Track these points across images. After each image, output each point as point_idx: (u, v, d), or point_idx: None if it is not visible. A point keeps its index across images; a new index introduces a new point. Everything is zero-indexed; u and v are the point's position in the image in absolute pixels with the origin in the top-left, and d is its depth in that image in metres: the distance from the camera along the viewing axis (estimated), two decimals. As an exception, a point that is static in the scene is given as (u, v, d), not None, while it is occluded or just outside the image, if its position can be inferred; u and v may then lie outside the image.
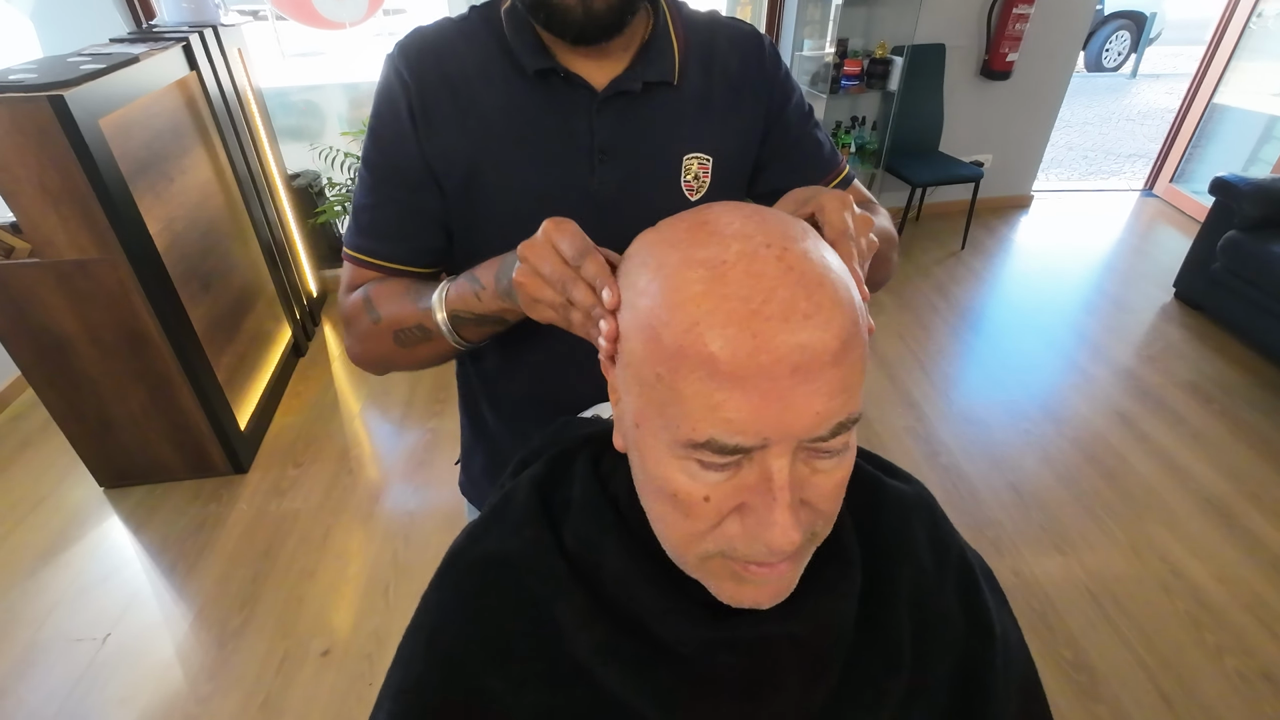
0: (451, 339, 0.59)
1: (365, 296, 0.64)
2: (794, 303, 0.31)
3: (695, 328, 0.32)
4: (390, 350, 0.63)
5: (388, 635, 1.59)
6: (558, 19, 0.56)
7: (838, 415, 0.32)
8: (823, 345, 0.31)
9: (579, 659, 0.41)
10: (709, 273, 0.32)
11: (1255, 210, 2.47)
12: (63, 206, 1.54)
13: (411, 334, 0.61)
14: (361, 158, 0.66)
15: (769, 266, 0.32)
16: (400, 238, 0.65)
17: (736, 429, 0.32)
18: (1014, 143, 3.68)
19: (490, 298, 0.54)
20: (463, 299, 0.56)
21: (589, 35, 0.57)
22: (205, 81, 2.07)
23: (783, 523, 0.33)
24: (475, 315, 0.56)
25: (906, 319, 2.85)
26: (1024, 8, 3.11)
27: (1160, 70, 7.18)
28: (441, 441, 2.18)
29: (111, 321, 1.71)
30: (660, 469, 0.35)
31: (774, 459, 0.33)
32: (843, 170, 0.75)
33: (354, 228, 0.67)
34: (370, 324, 0.63)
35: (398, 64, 0.62)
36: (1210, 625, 1.59)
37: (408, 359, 0.64)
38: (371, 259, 0.66)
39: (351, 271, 0.67)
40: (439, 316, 0.58)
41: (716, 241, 0.34)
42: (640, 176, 0.65)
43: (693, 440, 0.33)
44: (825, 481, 0.35)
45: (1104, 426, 2.23)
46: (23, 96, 1.41)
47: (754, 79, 0.68)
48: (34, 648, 1.57)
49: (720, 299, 0.31)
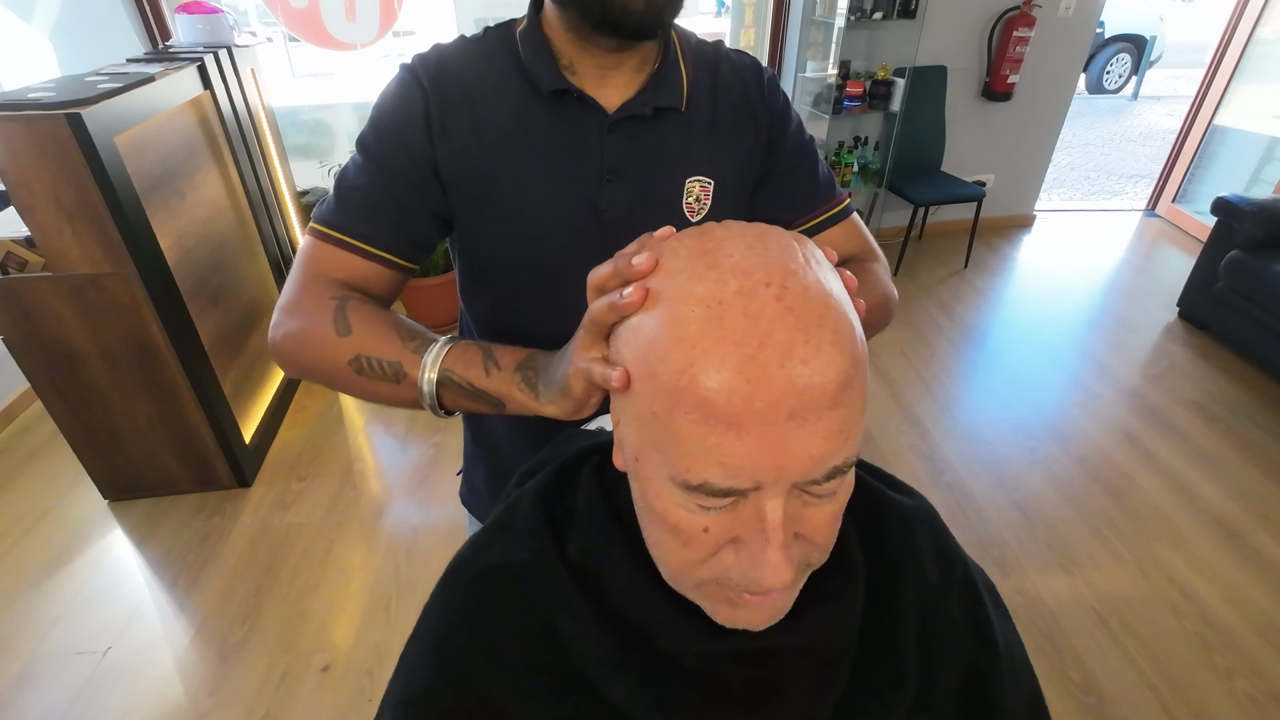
0: (427, 396, 0.55)
1: (340, 305, 0.58)
2: (791, 347, 0.30)
3: (690, 369, 0.31)
4: (336, 369, 0.57)
5: (389, 651, 1.58)
6: (616, 11, 0.55)
7: (833, 459, 0.32)
8: (820, 389, 0.30)
9: (584, 670, 0.41)
10: (705, 312, 0.32)
11: (1257, 230, 2.48)
12: (77, 221, 1.57)
13: (378, 368, 0.56)
14: (359, 143, 0.64)
15: (766, 307, 0.31)
16: (388, 225, 0.63)
17: (731, 473, 0.32)
18: (1016, 163, 3.71)
19: (501, 382, 0.53)
20: (466, 366, 0.54)
21: (647, 28, 0.56)
22: (219, 100, 2.11)
23: (774, 563, 0.33)
24: (473, 388, 0.54)
25: (909, 336, 2.85)
26: (1024, 30, 3.15)
27: (1161, 92, 7.23)
28: (445, 457, 2.19)
29: (121, 335, 1.73)
30: (660, 502, 0.36)
31: (768, 500, 0.33)
32: (841, 202, 0.74)
33: (336, 206, 0.62)
34: (331, 334, 0.57)
35: (417, 71, 0.63)
36: (1220, 647, 1.57)
37: (349, 385, 0.58)
38: (355, 240, 0.62)
39: (318, 251, 0.62)
40: (427, 370, 0.54)
41: (715, 277, 0.33)
42: (645, 197, 0.66)
43: (687, 481, 0.33)
44: (818, 515, 0.35)
45: (1109, 445, 2.22)
46: (41, 114, 1.44)
47: (755, 107, 0.70)
48: (36, 660, 1.57)
49: (716, 341, 0.31)
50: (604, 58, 0.62)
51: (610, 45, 0.60)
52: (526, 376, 0.52)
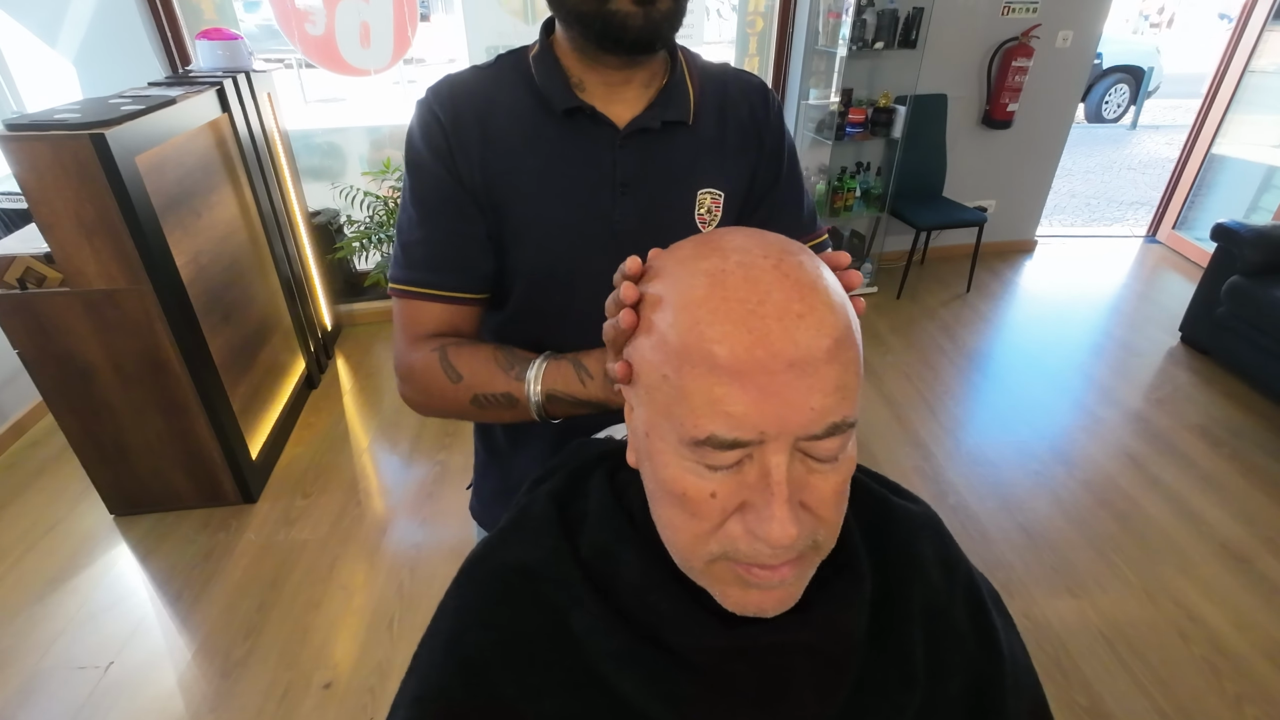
0: (537, 413, 0.62)
1: (443, 356, 0.64)
2: (788, 304, 0.34)
3: (697, 326, 0.34)
4: (463, 409, 0.65)
5: (391, 669, 1.57)
6: (616, 26, 0.58)
7: (832, 415, 0.34)
8: (816, 343, 0.33)
9: (596, 666, 0.42)
10: (710, 279, 0.35)
11: (1257, 256, 2.50)
12: (96, 238, 1.60)
13: (495, 400, 0.63)
14: (406, 196, 0.68)
15: (765, 273, 0.35)
16: (454, 268, 0.67)
17: (735, 423, 0.34)
18: (1017, 189, 3.75)
19: (598, 388, 0.59)
20: (565, 382, 0.60)
21: (644, 44, 0.60)
22: (236, 123, 2.16)
23: (780, 516, 0.34)
24: (576, 399, 0.60)
25: (912, 359, 2.87)
26: (1023, 61, 3.21)
27: (1159, 122, 7.33)
28: (450, 475, 2.19)
29: (135, 350, 1.75)
30: (669, 471, 0.37)
31: (772, 455, 0.34)
32: (821, 235, 0.80)
33: (405, 262, 0.67)
34: (447, 384, 0.64)
35: (431, 105, 0.66)
36: (1229, 673, 1.56)
37: (480, 416, 0.66)
38: (429, 290, 0.67)
39: (408, 310, 0.68)
40: (533, 393, 0.61)
41: (718, 254, 0.37)
42: (658, 209, 0.68)
43: (695, 437, 0.35)
44: (823, 484, 0.37)
45: (1114, 469, 2.21)
46: (67, 134, 1.48)
47: (760, 128, 0.73)
48: (37, 675, 1.56)
49: (720, 300, 0.34)
50: (612, 75, 0.64)
51: (616, 63, 0.63)
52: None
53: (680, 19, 0.61)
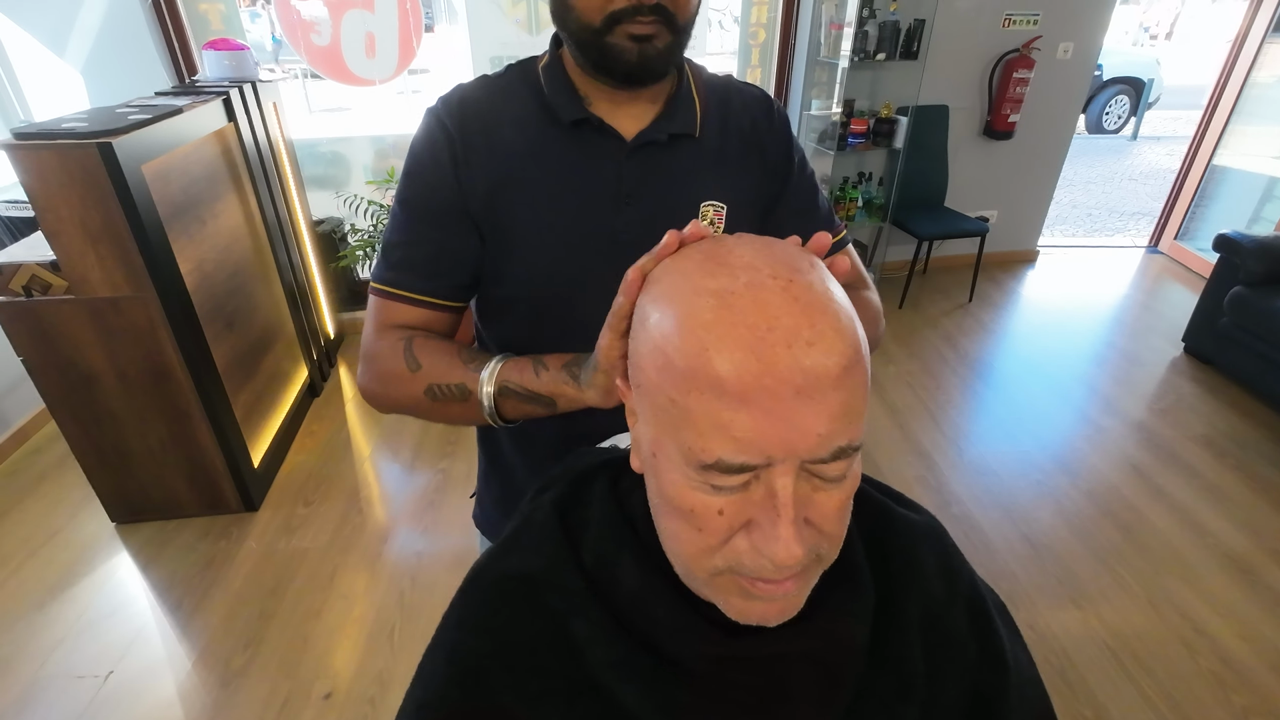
0: (489, 406, 0.62)
1: (408, 345, 0.65)
2: (797, 330, 0.33)
3: (705, 352, 0.34)
4: (416, 400, 0.65)
5: (391, 679, 1.56)
6: (612, 59, 0.60)
7: (838, 439, 0.34)
8: (824, 369, 0.33)
9: (596, 675, 0.42)
10: (718, 301, 0.35)
11: (1260, 266, 2.51)
12: (101, 246, 1.61)
13: (448, 392, 0.63)
14: (396, 199, 0.69)
15: (774, 296, 0.34)
16: (431, 274, 0.68)
17: (742, 448, 0.33)
18: (1018, 199, 3.76)
19: (551, 379, 0.59)
20: (520, 373, 0.60)
21: (637, 78, 0.61)
22: (241, 132, 2.18)
23: (786, 537, 0.34)
24: (528, 391, 0.60)
25: (915, 368, 2.86)
26: (1024, 72, 3.23)
27: (1160, 133, 7.35)
28: (451, 484, 2.19)
29: (138, 357, 1.76)
30: (675, 489, 0.37)
31: (778, 477, 0.34)
32: (840, 232, 0.79)
33: (384, 263, 0.69)
34: (405, 371, 0.64)
35: (440, 115, 0.66)
36: (1236, 685, 1.54)
37: (429, 412, 0.66)
38: (402, 291, 0.68)
39: (380, 305, 0.69)
40: (486, 388, 0.61)
41: (725, 272, 0.36)
42: (661, 220, 0.68)
43: (702, 461, 0.34)
44: (827, 501, 0.37)
45: (1118, 479, 2.21)
46: (74, 143, 1.49)
47: (763, 138, 0.73)
48: (36, 684, 1.56)
49: (729, 325, 0.33)
50: (617, 94, 0.65)
51: (616, 85, 0.64)
52: (571, 372, 0.59)
53: (680, 52, 0.63)
